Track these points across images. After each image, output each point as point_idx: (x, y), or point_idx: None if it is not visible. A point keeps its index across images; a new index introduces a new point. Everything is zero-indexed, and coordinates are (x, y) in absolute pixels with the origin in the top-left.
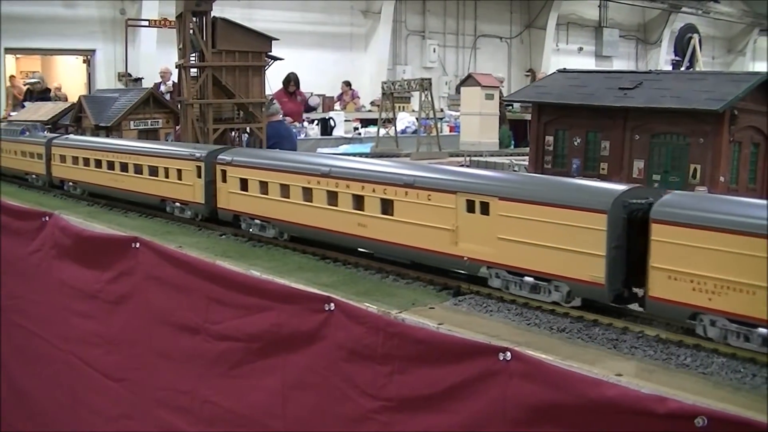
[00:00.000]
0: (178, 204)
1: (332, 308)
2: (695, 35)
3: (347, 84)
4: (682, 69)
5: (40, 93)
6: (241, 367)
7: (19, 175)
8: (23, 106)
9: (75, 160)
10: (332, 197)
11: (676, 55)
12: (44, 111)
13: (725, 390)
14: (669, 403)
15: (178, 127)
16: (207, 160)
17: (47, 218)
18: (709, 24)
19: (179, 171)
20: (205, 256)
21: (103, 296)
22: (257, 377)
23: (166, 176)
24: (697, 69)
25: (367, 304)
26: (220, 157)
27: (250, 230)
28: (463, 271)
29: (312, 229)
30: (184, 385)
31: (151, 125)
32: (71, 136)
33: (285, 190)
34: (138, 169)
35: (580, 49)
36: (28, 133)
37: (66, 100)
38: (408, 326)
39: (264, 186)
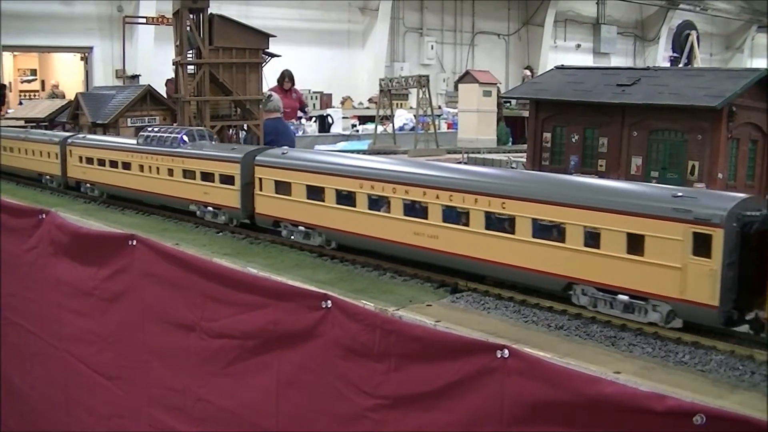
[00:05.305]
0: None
1: (329, 305)
2: (693, 32)
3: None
4: (680, 66)
5: None
6: (236, 365)
7: (174, 205)
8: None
9: (317, 192)
10: None
11: (674, 52)
12: (41, 108)
13: (723, 387)
14: (667, 400)
15: (175, 125)
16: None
17: (44, 216)
18: (707, 21)
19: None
20: (202, 254)
21: (98, 294)
22: (252, 375)
23: (578, 244)
24: (695, 66)
25: (364, 302)
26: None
27: None
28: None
29: None
30: (178, 383)
31: (149, 122)
32: (291, 152)
33: None
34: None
35: (578, 46)
36: (188, 142)
37: (64, 97)
38: (405, 323)
39: None
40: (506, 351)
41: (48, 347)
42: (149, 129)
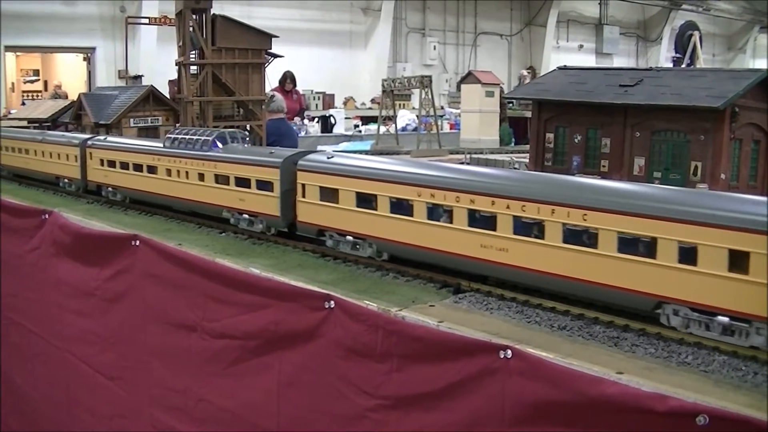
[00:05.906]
0: None
1: (332, 306)
2: (696, 32)
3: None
4: (683, 66)
5: None
6: (237, 366)
7: (204, 212)
8: None
9: (368, 200)
10: None
11: (676, 53)
12: (44, 108)
13: (726, 388)
14: (670, 401)
15: (178, 125)
16: None
17: (47, 216)
18: (710, 21)
19: None
20: (204, 254)
21: (100, 294)
22: (253, 376)
23: None
24: (698, 66)
25: (367, 302)
26: None
27: None
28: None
29: None
30: (179, 383)
31: (151, 123)
32: (338, 157)
33: None
34: None
35: (581, 46)
36: (220, 145)
37: (66, 98)
38: (407, 324)
39: None
40: (509, 351)
41: (50, 347)
42: (176, 131)
